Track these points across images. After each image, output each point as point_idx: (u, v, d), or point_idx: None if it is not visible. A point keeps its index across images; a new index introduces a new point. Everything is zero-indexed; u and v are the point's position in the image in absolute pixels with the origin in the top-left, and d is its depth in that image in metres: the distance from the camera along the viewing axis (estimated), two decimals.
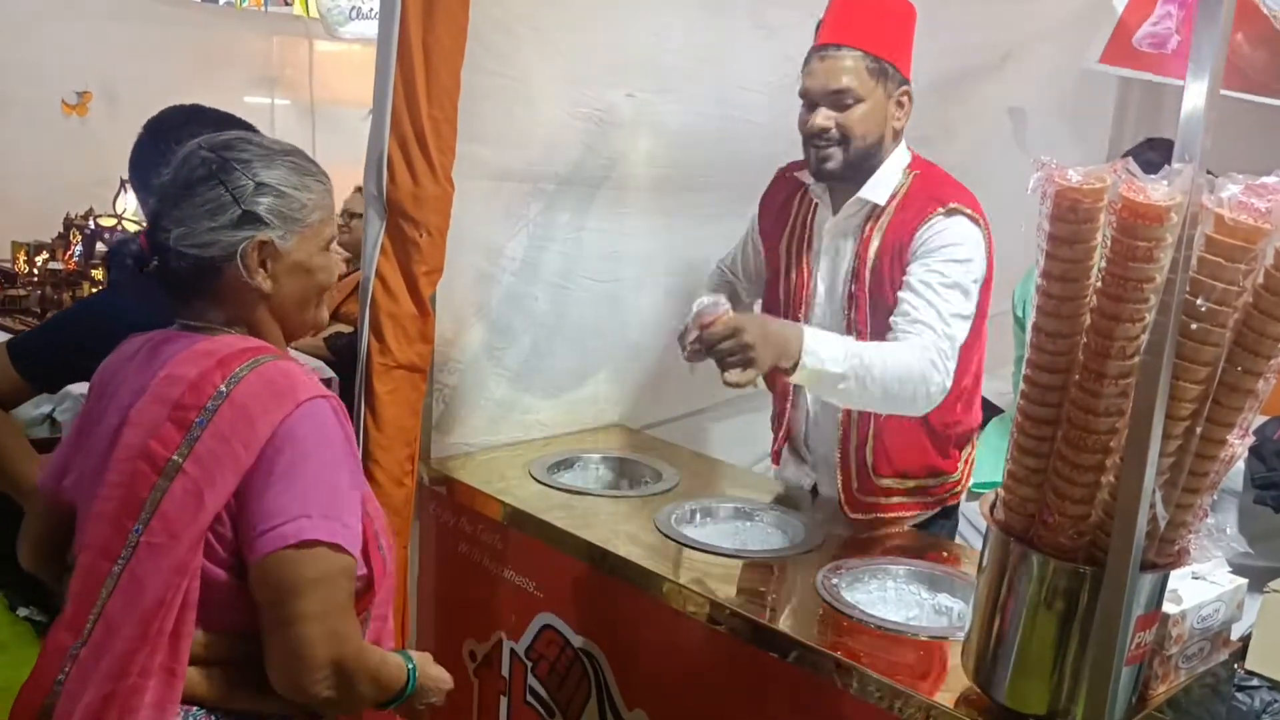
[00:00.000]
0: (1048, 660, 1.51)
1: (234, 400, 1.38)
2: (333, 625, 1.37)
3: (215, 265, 1.44)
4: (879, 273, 2.21)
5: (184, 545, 1.35)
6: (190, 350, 1.43)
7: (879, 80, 2.17)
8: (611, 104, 2.63)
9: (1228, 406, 1.38)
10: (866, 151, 2.20)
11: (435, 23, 2.12)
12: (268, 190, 1.45)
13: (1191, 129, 1.29)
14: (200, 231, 1.42)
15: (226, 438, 1.36)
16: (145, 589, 1.35)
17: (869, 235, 2.23)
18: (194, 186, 1.43)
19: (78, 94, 5.43)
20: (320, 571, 1.36)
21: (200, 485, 1.35)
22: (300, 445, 1.37)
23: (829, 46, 2.17)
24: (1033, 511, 1.51)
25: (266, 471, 1.36)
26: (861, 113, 2.16)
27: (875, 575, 2.08)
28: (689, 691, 2.02)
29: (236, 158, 1.45)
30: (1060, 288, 1.41)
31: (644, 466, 2.64)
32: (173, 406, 1.39)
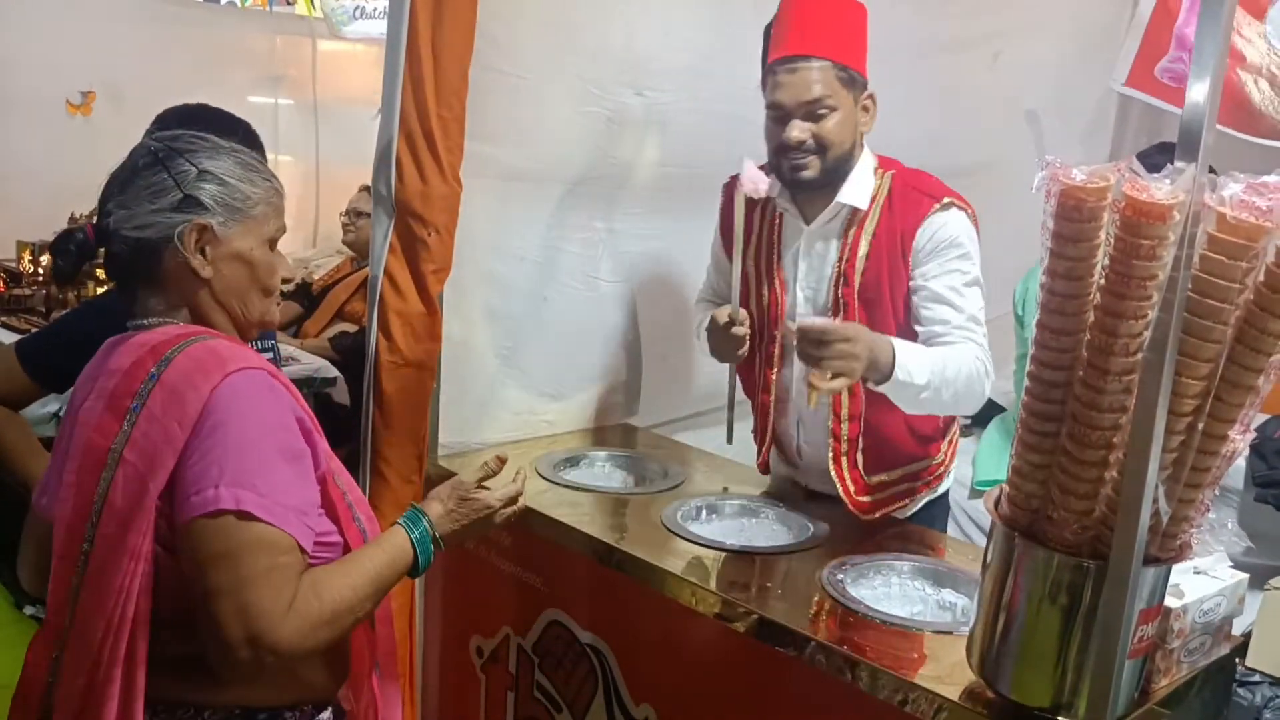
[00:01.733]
0: (1052, 653, 1.52)
1: (164, 382, 1.38)
2: (243, 600, 1.31)
3: (154, 247, 1.45)
4: (873, 275, 2.21)
5: (133, 530, 1.35)
6: (128, 344, 1.45)
7: (848, 88, 2.17)
8: (620, 103, 2.64)
9: (1229, 403, 1.39)
10: (841, 159, 2.20)
11: (444, 22, 2.14)
12: (210, 178, 1.47)
13: (1193, 128, 1.30)
14: (141, 214, 1.45)
15: (159, 418, 1.36)
16: (104, 580, 1.35)
17: (855, 239, 2.23)
18: (139, 172, 1.47)
19: (82, 94, 5.44)
20: (229, 544, 1.32)
21: (141, 470, 1.35)
22: (218, 415, 1.35)
23: (796, 59, 2.16)
24: (1037, 506, 1.53)
25: (192, 445, 1.35)
26: (836, 122, 2.17)
27: (880, 571, 2.09)
28: (696, 686, 2.04)
29: (182, 148, 1.49)
30: (1064, 285, 1.43)
31: (650, 464, 2.66)
32: (109, 397, 1.40)
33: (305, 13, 6.41)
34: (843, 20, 2.20)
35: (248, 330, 1.55)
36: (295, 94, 6.21)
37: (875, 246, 2.22)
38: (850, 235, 2.24)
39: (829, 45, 2.16)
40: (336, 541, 1.47)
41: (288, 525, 1.36)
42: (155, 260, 1.46)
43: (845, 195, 2.22)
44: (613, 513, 2.32)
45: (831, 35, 2.17)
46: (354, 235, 4.79)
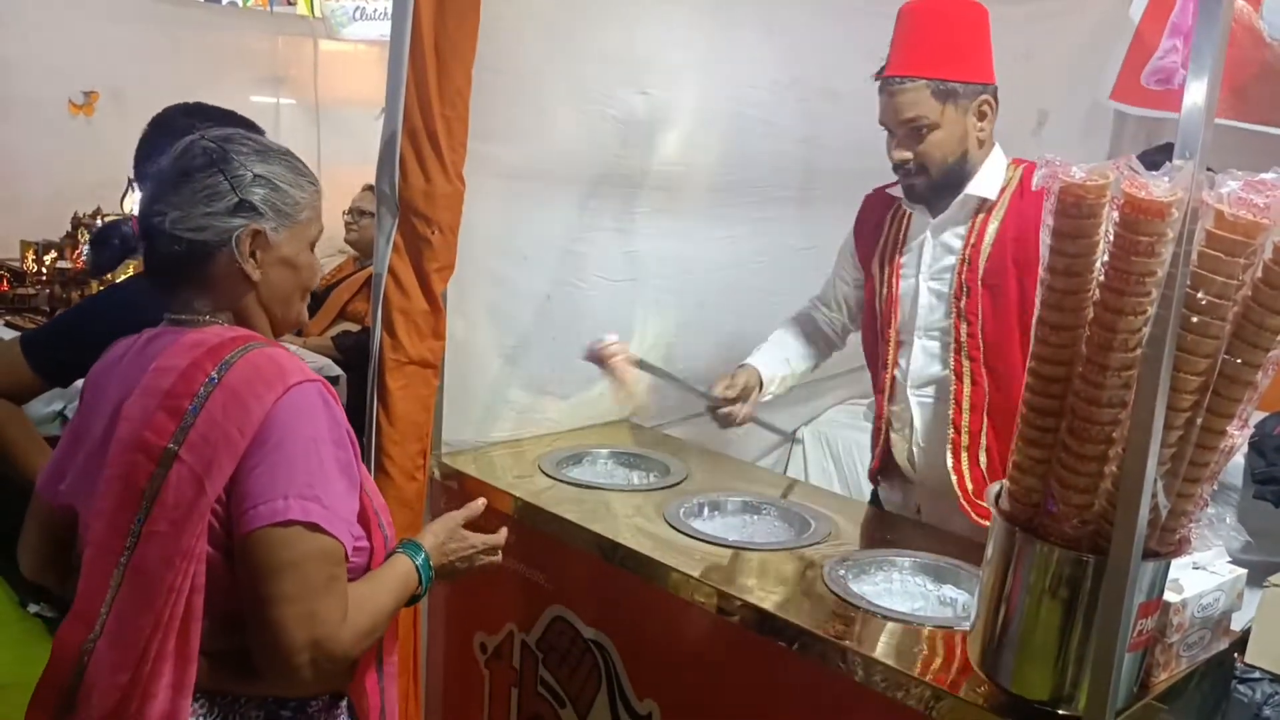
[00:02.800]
0: (1052, 647, 1.54)
1: (226, 385, 1.39)
2: (310, 607, 1.37)
3: (208, 250, 1.47)
4: (998, 262, 2.20)
5: (187, 531, 1.37)
6: (178, 342, 1.46)
7: (947, 101, 2.17)
8: (622, 102, 2.65)
9: (1227, 398, 1.41)
10: (951, 170, 2.22)
11: (447, 21, 2.15)
12: (264, 182, 1.49)
13: (1192, 126, 1.31)
14: (196, 216, 1.46)
15: (220, 422, 1.38)
16: (153, 577, 1.37)
17: (982, 226, 2.22)
18: (192, 174, 1.47)
19: (85, 94, 5.45)
20: (297, 553, 1.36)
21: (197, 471, 1.37)
22: (284, 428, 1.39)
23: (893, 79, 2.19)
24: (1037, 501, 1.54)
25: (254, 454, 1.38)
26: (937, 139, 2.18)
27: (881, 567, 2.11)
28: (699, 681, 2.05)
29: (236, 150, 1.50)
30: (1064, 282, 1.44)
31: (652, 461, 2.67)
32: (164, 396, 1.40)
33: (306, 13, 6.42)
34: (950, 29, 2.20)
35: (283, 331, 1.59)
36: (297, 94, 6.22)
37: (1002, 233, 2.21)
38: (977, 222, 2.24)
39: (924, 63, 2.16)
40: (365, 547, 1.51)
41: (343, 537, 1.42)
42: (207, 262, 1.48)
43: (973, 187, 2.23)
44: (616, 509, 2.32)
45: (931, 50, 2.17)
46: (356, 234, 4.80)
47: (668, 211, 2.90)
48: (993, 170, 2.25)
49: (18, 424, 2.05)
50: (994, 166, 2.25)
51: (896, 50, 2.21)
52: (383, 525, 1.56)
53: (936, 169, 2.21)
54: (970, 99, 2.19)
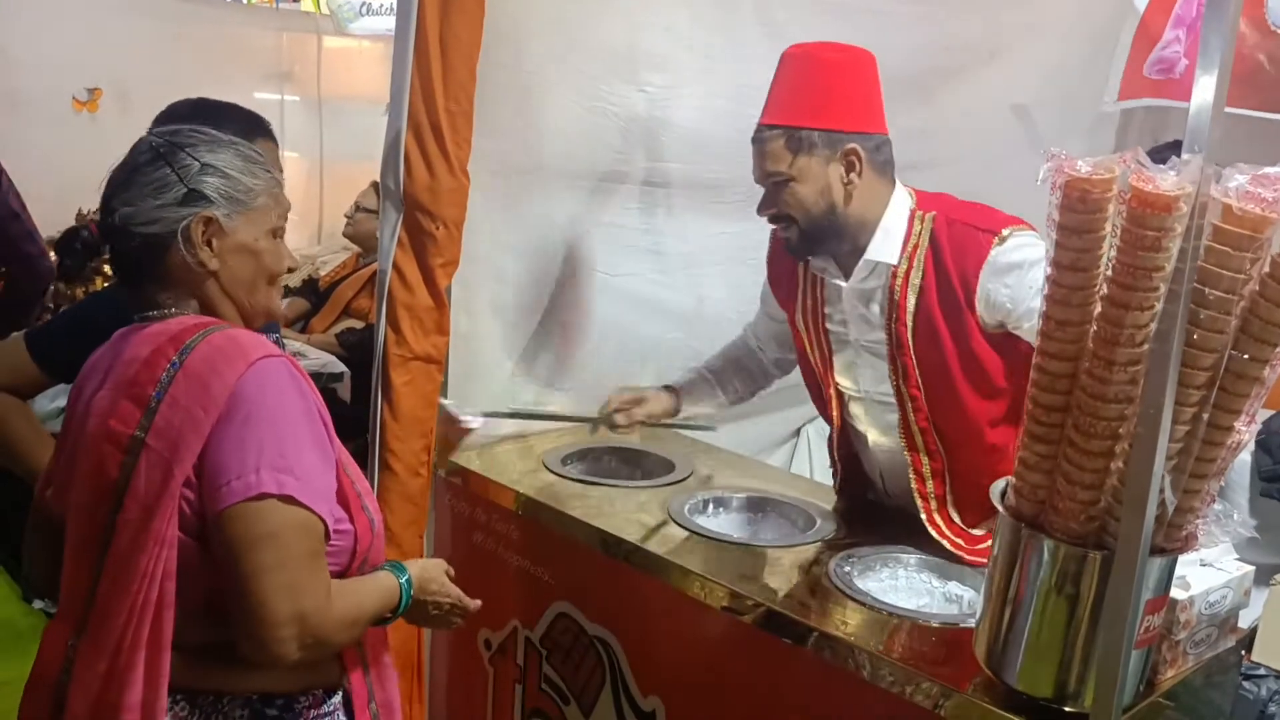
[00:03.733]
0: (1058, 644, 1.54)
1: (187, 369, 1.39)
2: (292, 577, 1.35)
3: (161, 243, 1.46)
4: (926, 329, 2.05)
5: (157, 516, 1.35)
6: (142, 334, 1.46)
7: (805, 152, 2.03)
8: (623, 99, 2.65)
9: (1234, 394, 1.40)
10: (823, 223, 2.07)
11: (451, 17, 2.15)
12: (213, 171, 1.48)
13: (1200, 120, 1.31)
14: (146, 210, 1.45)
15: (183, 404, 1.37)
16: (127, 565, 1.36)
17: (902, 295, 2.06)
18: (140, 169, 1.47)
19: (89, 91, 5.45)
20: (273, 525, 1.34)
21: (165, 455, 1.36)
22: (250, 402, 1.37)
23: (759, 129, 2.09)
24: (1043, 498, 1.53)
25: (222, 430, 1.36)
26: (797, 192, 2.04)
27: (886, 564, 2.11)
28: (703, 677, 2.05)
29: (182, 142, 1.49)
30: (1070, 277, 1.43)
31: (657, 458, 2.67)
32: (128, 385, 1.40)
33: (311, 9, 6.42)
34: (819, 76, 2.07)
35: (253, 321, 1.56)
36: (301, 90, 6.23)
37: (925, 300, 2.05)
38: (895, 289, 2.07)
39: (784, 110, 2.06)
40: (348, 529, 1.48)
41: (321, 511, 1.39)
42: (162, 255, 1.47)
43: (873, 251, 2.07)
44: (620, 506, 2.32)
45: (794, 98, 2.05)
46: (352, 229, 4.81)
47: (669, 208, 2.90)
48: (893, 224, 2.07)
49: (22, 418, 2.05)
50: (894, 220, 2.07)
51: (768, 99, 2.12)
52: (366, 508, 1.53)
53: (806, 220, 2.07)
54: (831, 149, 2.03)
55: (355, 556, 1.50)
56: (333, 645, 1.45)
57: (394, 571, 1.58)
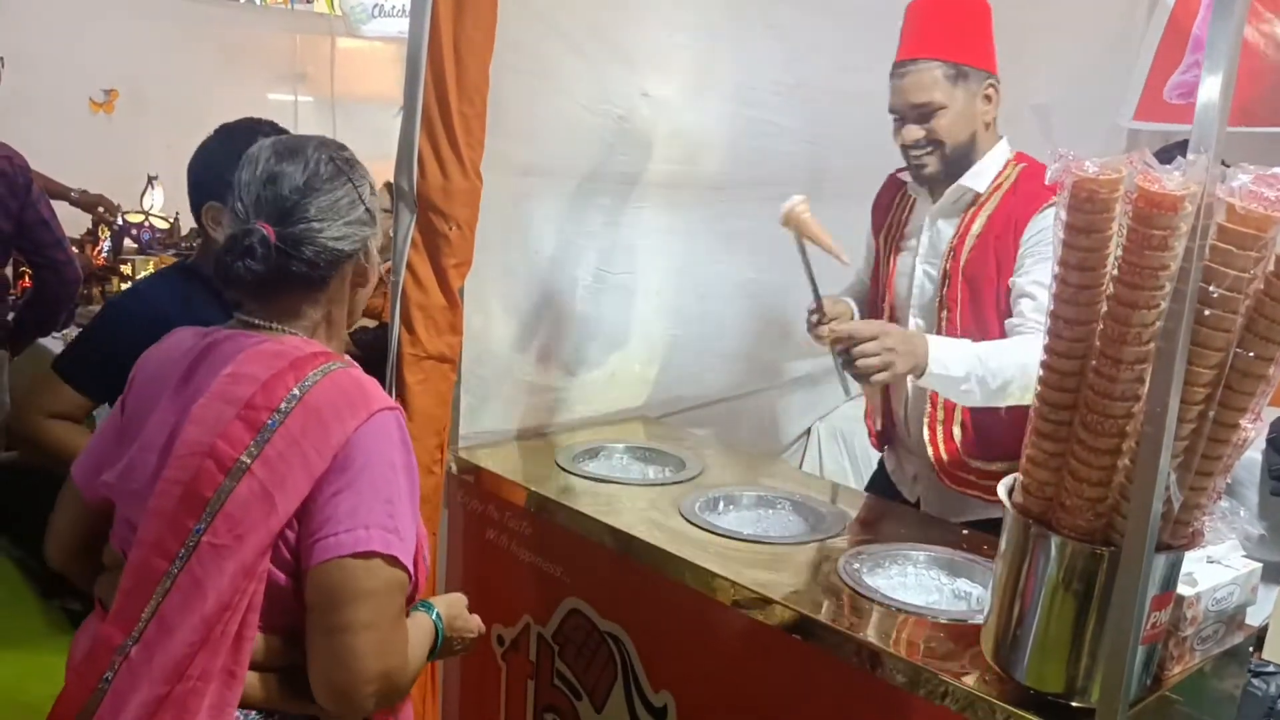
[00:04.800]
0: (1065, 640, 1.55)
1: (308, 405, 1.37)
2: (384, 636, 1.37)
3: (339, 259, 1.48)
4: (980, 254, 2.28)
5: (250, 548, 1.34)
6: (257, 350, 1.43)
7: (958, 84, 2.24)
8: (630, 102, 2.67)
9: (1240, 391, 1.41)
10: (961, 151, 2.29)
11: (465, 19, 2.17)
12: (372, 192, 1.53)
13: (1207, 121, 1.32)
14: (339, 225, 1.47)
15: (298, 440, 1.35)
16: (206, 590, 1.33)
17: (971, 218, 2.30)
18: (325, 182, 1.48)
19: (105, 92, 5.50)
20: (375, 584, 1.35)
21: (269, 488, 1.34)
22: (369, 456, 1.37)
23: (906, 63, 2.26)
24: (1051, 495, 1.55)
25: (334, 478, 1.35)
26: (948, 120, 2.25)
27: (896, 561, 2.11)
28: (714, 673, 2.07)
29: (351, 158, 1.53)
30: (1077, 276, 1.45)
31: (668, 455, 2.68)
32: (242, 406, 1.37)
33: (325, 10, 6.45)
34: (957, 17, 2.27)
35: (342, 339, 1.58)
36: (314, 91, 6.26)
37: (988, 228, 2.28)
38: (968, 215, 2.31)
39: (937, 45, 2.24)
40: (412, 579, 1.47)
41: (411, 570, 1.41)
42: (333, 270, 1.49)
43: (968, 179, 2.30)
44: (631, 503, 2.34)
45: (940, 35, 2.24)
46: None
47: (676, 208, 2.93)
48: (991, 163, 2.31)
49: (80, 431, 2.05)
50: (993, 160, 2.31)
51: (906, 38, 2.28)
52: (426, 558, 1.53)
53: (949, 147, 2.28)
54: (978, 83, 2.26)
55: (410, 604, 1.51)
56: (402, 696, 1.48)
57: (429, 613, 1.58)
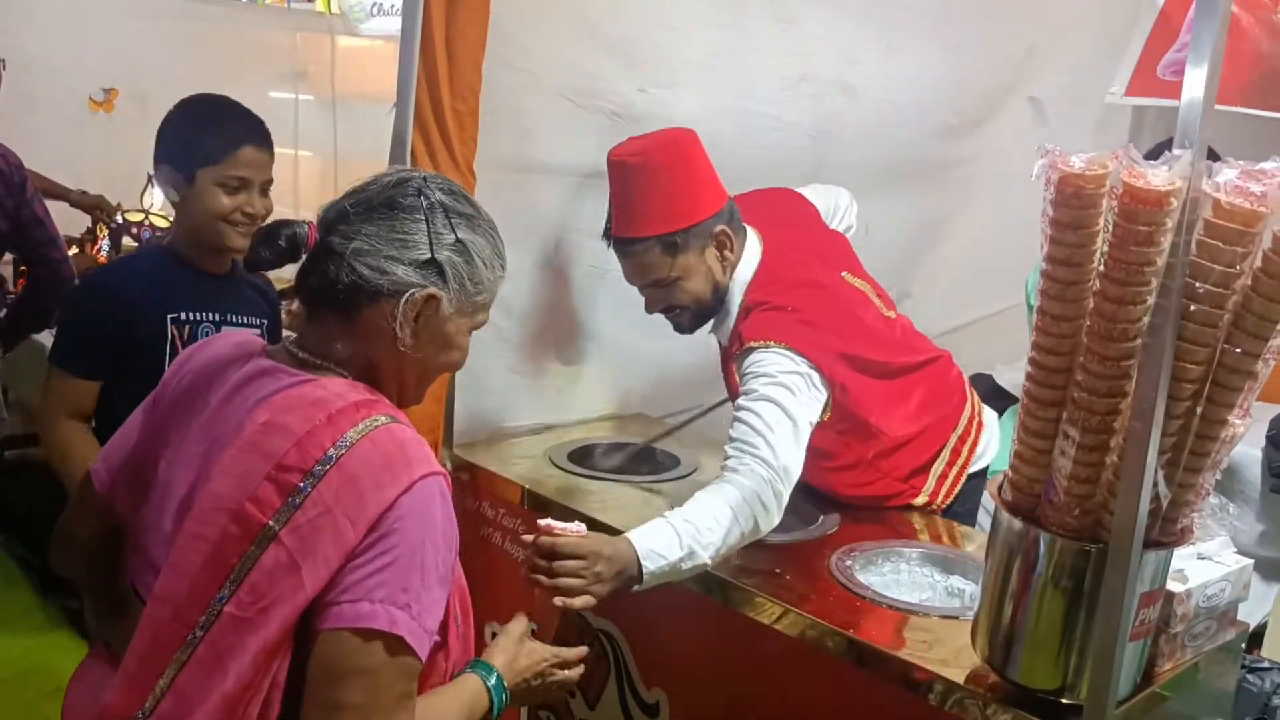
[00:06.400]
0: (1055, 637, 1.55)
1: (344, 469, 1.26)
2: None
3: (373, 294, 1.35)
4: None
5: (275, 623, 1.23)
6: (294, 395, 1.32)
7: (683, 250, 2.17)
8: (626, 98, 2.67)
9: (1228, 387, 1.41)
10: (712, 302, 2.24)
11: (457, 16, 2.17)
12: (461, 250, 1.39)
13: (1191, 115, 1.32)
14: (379, 255, 1.34)
15: (331, 508, 1.24)
16: (227, 666, 1.23)
17: (730, 373, 2.26)
18: (396, 211, 1.37)
19: (105, 91, 5.50)
20: (371, 663, 1.23)
21: (296, 559, 1.23)
22: (404, 532, 1.26)
23: (622, 242, 2.21)
24: (1039, 491, 1.55)
25: (365, 552, 1.25)
26: (682, 286, 2.20)
27: (889, 558, 2.11)
28: (706, 670, 2.07)
29: (449, 205, 1.40)
30: (1064, 272, 1.44)
31: (662, 453, 2.68)
32: (274, 465, 1.26)
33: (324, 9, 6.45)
34: (658, 176, 2.15)
35: (403, 404, 1.44)
36: (315, 90, 6.25)
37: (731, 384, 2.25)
38: (727, 366, 2.30)
39: (647, 221, 2.16)
40: (438, 644, 1.38)
41: (423, 651, 1.29)
42: (366, 305, 1.35)
43: (720, 333, 2.31)
44: (625, 501, 2.34)
45: (648, 206, 2.15)
46: None
47: None
48: (731, 309, 2.25)
49: (87, 445, 2.03)
50: (733, 302, 2.24)
51: (617, 210, 2.22)
52: (457, 615, 1.43)
53: (695, 305, 2.24)
54: (704, 236, 2.18)
55: (434, 666, 1.40)
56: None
57: (480, 673, 1.48)
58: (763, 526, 1.95)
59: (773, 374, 2.04)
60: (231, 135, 2.11)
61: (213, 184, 2.09)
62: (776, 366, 2.05)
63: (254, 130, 2.15)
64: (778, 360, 2.06)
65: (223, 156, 2.09)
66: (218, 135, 2.11)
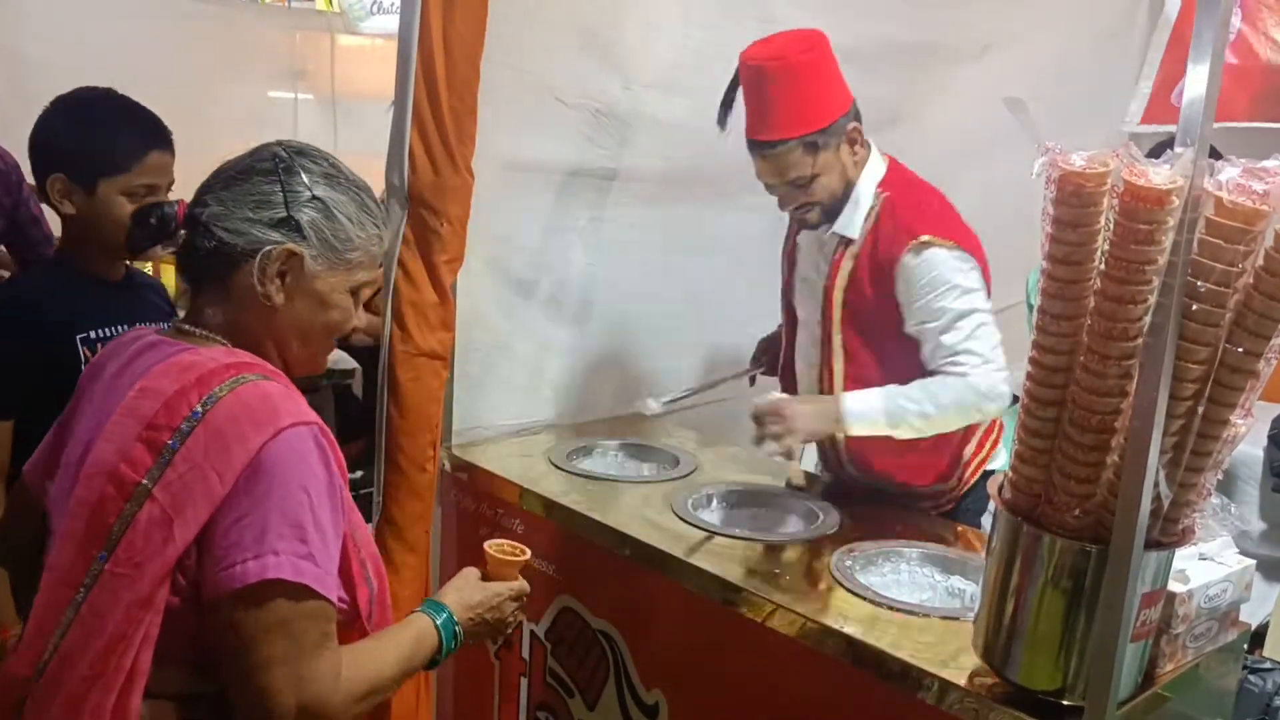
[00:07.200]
0: (1055, 638, 1.54)
1: (209, 423, 1.28)
2: (298, 670, 1.27)
3: (234, 257, 1.38)
4: (855, 296, 2.29)
5: (148, 577, 1.26)
6: (170, 362, 1.35)
7: (821, 149, 2.20)
8: (615, 98, 2.66)
9: (1229, 387, 1.40)
10: (839, 197, 2.28)
11: (455, 15, 2.16)
12: (320, 206, 1.40)
13: (1193, 114, 1.31)
14: (237, 218, 1.38)
15: (199, 464, 1.27)
16: (104, 624, 1.26)
17: (838, 261, 2.30)
18: (252, 175, 1.40)
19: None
20: (285, 614, 1.26)
21: (169, 513, 1.26)
22: (272, 476, 1.28)
23: (762, 145, 2.22)
24: (1039, 491, 1.54)
25: (237, 503, 1.27)
26: (820, 183, 2.24)
27: (889, 558, 2.11)
28: (705, 671, 2.06)
29: (305, 165, 1.41)
30: (1064, 271, 1.43)
31: (661, 452, 2.68)
32: (145, 425, 1.30)
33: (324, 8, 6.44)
34: (797, 78, 2.18)
35: (292, 370, 1.46)
36: (314, 89, 6.24)
37: (856, 272, 2.28)
38: (836, 256, 2.31)
39: (788, 123, 2.18)
40: (345, 607, 1.39)
41: (332, 594, 1.32)
42: (231, 269, 1.39)
43: (839, 225, 2.30)
44: (624, 501, 2.33)
45: (788, 109, 2.18)
46: None
47: (664, 204, 2.92)
48: (861, 197, 2.28)
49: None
50: (864, 192, 2.28)
51: (754, 111, 2.23)
52: (369, 579, 1.44)
53: (828, 201, 2.27)
54: (839, 134, 2.22)
55: (354, 630, 1.42)
56: (352, 715, 1.36)
57: (429, 612, 1.51)
58: (990, 410, 2.20)
59: (957, 282, 2.17)
60: (136, 141, 1.98)
61: (118, 194, 1.95)
62: (957, 270, 2.17)
63: (158, 133, 2.03)
64: (956, 263, 2.18)
65: (129, 165, 1.95)
66: (121, 142, 1.97)
